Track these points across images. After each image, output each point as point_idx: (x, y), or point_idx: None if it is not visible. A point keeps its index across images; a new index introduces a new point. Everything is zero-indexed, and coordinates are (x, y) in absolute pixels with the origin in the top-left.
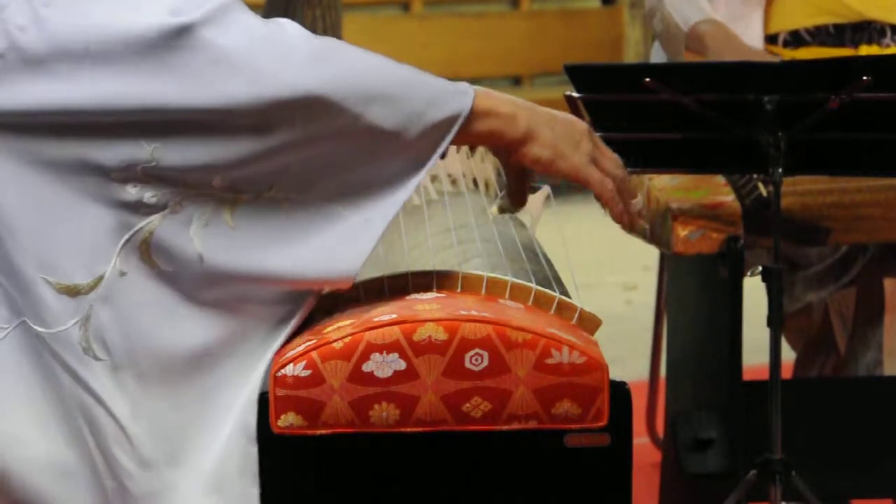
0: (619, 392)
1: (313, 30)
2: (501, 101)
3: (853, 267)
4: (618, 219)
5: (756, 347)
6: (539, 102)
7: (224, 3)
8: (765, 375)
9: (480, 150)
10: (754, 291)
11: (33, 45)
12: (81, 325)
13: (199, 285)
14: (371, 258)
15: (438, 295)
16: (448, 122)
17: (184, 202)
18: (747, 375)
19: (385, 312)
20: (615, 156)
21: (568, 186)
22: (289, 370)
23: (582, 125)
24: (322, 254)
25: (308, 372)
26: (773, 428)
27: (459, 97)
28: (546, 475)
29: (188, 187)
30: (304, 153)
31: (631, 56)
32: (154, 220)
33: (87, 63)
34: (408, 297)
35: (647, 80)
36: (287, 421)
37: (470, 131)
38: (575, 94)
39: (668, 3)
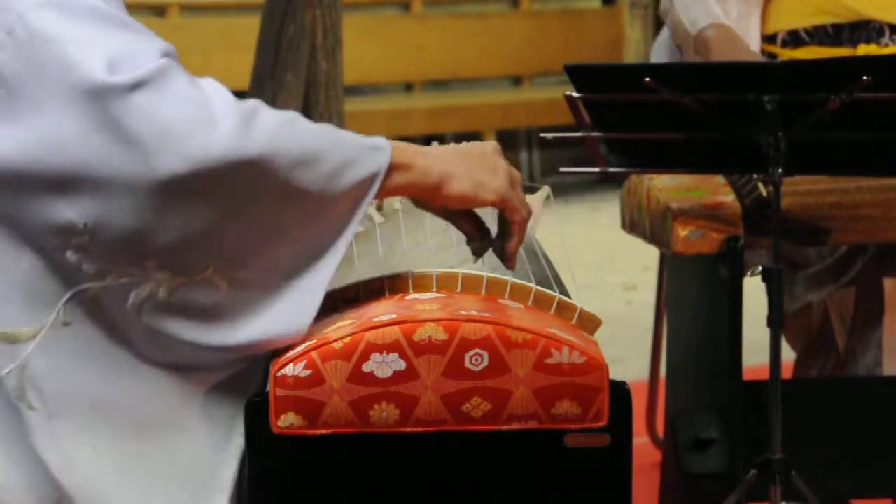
0: (619, 392)
1: (313, 30)
2: (412, 152)
3: (853, 267)
4: (511, 250)
5: (756, 347)
6: (539, 102)
7: (162, 67)
8: (765, 375)
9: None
10: (754, 291)
11: None
12: (17, 373)
13: (145, 347)
14: (371, 258)
15: (438, 295)
16: (368, 181)
17: (121, 279)
18: (747, 375)
19: (385, 312)
20: (517, 173)
21: (568, 187)
22: (289, 370)
23: (491, 145)
24: (266, 324)
25: (308, 372)
26: (773, 428)
27: (377, 154)
28: (546, 475)
29: (123, 266)
30: (234, 225)
31: (631, 56)
32: (95, 286)
33: (25, 106)
34: (408, 297)
35: (647, 80)
36: (287, 421)
37: (388, 186)
38: (575, 94)
39: (678, 4)
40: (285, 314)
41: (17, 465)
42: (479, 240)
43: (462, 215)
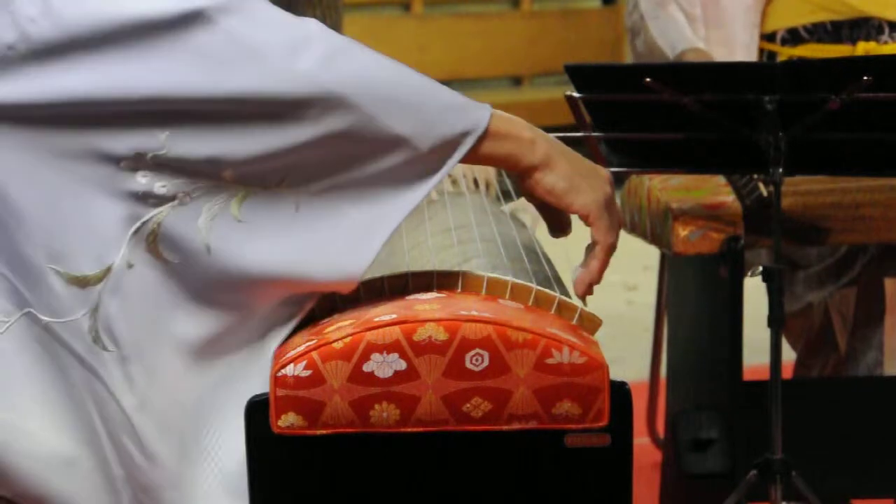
0: (620, 392)
1: None
2: (521, 125)
3: (853, 267)
4: (591, 279)
5: (756, 347)
6: (539, 102)
7: None
8: (765, 375)
9: None
10: (755, 291)
11: (45, 36)
12: (91, 315)
13: (204, 281)
14: None
15: (439, 295)
16: (460, 137)
17: (193, 193)
18: (748, 375)
19: (385, 312)
20: (619, 211)
21: None
22: (289, 370)
23: (604, 172)
24: (327, 254)
25: (308, 372)
26: (773, 428)
27: (475, 113)
28: (546, 475)
29: (198, 177)
30: (315, 151)
31: (631, 56)
32: (163, 210)
33: (99, 51)
34: (408, 297)
35: (648, 80)
36: (287, 421)
37: (484, 151)
38: (575, 94)
39: (653, 28)
40: (344, 250)
41: (87, 442)
42: (559, 229)
43: (549, 207)
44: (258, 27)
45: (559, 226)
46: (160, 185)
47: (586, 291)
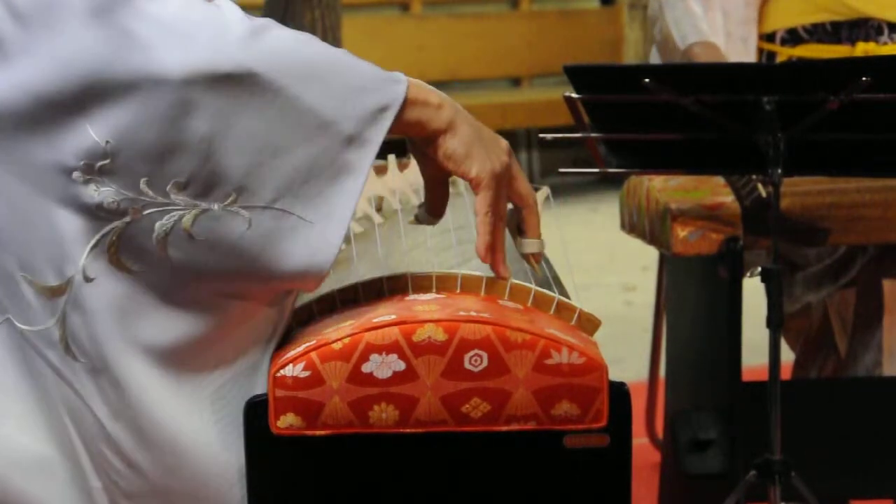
0: (619, 393)
1: (312, 31)
2: (428, 89)
3: (852, 267)
4: (480, 252)
5: (755, 348)
6: (538, 103)
7: None
8: (764, 376)
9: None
10: (754, 292)
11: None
12: (59, 325)
13: (172, 285)
14: (370, 259)
15: (438, 296)
16: (383, 109)
17: (143, 210)
18: (747, 376)
19: (384, 313)
20: (529, 186)
21: (568, 187)
22: (288, 371)
23: (505, 142)
24: (287, 264)
25: (307, 373)
26: (772, 428)
27: (394, 85)
28: (545, 476)
29: (144, 194)
30: (243, 140)
31: (630, 57)
32: (118, 224)
33: (29, 33)
34: (407, 298)
35: (647, 80)
36: (286, 422)
37: (401, 119)
38: (574, 95)
39: (668, 16)
40: (307, 252)
41: (63, 452)
42: (435, 215)
43: (442, 181)
44: (177, 9)
45: (436, 208)
46: (110, 201)
47: (486, 258)
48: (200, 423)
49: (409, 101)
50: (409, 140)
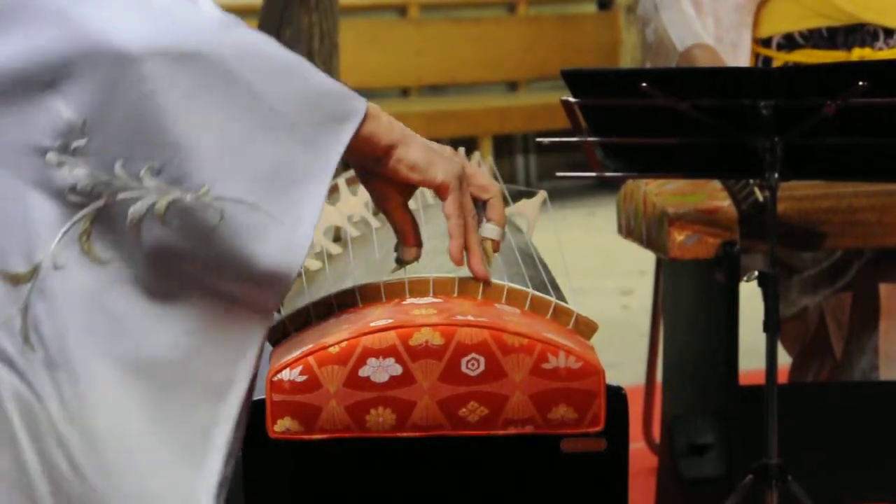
0: (616, 397)
1: (310, 35)
2: (380, 110)
3: (848, 271)
4: (453, 254)
5: (752, 352)
6: (536, 107)
7: None
8: (761, 380)
9: (476, 154)
10: (750, 296)
11: None
12: (21, 314)
13: (143, 279)
14: (367, 263)
15: (435, 300)
16: (344, 119)
17: (117, 194)
18: (744, 380)
19: (381, 317)
20: (489, 177)
21: (565, 191)
22: (285, 375)
23: (448, 147)
24: (259, 258)
25: (304, 377)
26: (769, 433)
27: (355, 98)
28: (542, 480)
29: (118, 176)
30: (211, 125)
31: (627, 61)
32: (90, 211)
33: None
34: (404, 302)
35: (644, 85)
36: (283, 426)
37: (358, 133)
38: (571, 100)
39: (664, 18)
40: (276, 251)
41: (7, 456)
42: (412, 244)
43: (401, 208)
44: None
45: (409, 237)
46: (84, 184)
47: (459, 260)
48: (161, 433)
49: (368, 115)
50: (357, 167)
